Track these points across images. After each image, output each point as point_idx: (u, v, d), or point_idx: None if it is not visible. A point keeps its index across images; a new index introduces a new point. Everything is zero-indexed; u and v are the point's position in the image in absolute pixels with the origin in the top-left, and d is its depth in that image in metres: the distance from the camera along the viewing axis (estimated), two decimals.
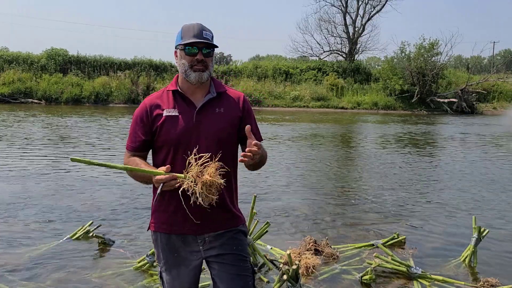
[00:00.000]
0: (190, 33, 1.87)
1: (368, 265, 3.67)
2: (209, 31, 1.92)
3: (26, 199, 5.62)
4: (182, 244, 1.97)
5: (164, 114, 1.92)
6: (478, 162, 9.62)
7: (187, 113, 1.92)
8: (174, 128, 1.90)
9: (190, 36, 1.87)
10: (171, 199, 1.91)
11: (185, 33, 1.89)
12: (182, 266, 1.99)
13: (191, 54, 1.88)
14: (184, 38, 1.88)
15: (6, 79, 26.80)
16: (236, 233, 2.01)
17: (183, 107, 1.93)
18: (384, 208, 5.71)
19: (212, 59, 1.94)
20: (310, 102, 28.71)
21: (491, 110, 29.60)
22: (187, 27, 1.90)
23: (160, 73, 30.66)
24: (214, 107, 1.95)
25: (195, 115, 1.92)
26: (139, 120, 1.96)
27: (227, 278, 1.94)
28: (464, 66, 48.03)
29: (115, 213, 5.16)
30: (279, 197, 6.14)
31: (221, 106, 1.97)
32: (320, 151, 10.94)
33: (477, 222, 4.02)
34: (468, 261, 3.89)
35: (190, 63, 1.88)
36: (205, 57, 1.89)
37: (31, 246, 4.06)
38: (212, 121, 1.93)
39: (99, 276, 3.49)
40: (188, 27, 1.90)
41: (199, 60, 1.88)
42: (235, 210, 2.03)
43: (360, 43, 36.94)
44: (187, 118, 1.91)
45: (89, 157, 8.97)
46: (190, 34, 1.87)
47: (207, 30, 1.91)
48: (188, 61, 1.89)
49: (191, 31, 1.88)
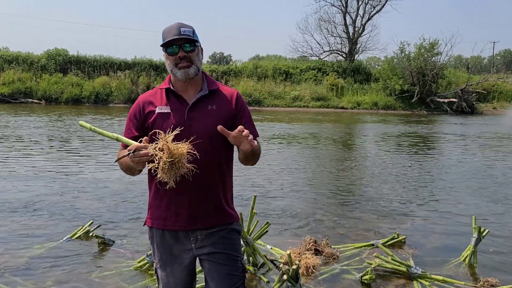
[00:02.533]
0: (169, 34, 1.91)
1: (368, 265, 3.67)
2: (189, 27, 1.94)
3: (26, 199, 5.62)
4: (175, 242, 2.00)
5: (156, 111, 1.96)
6: (478, 162, 9.62)
7: (179, 110, 1.95)
8: (166, 125, 1.92)
9: (169, 36, 1.90)
10: (164, 194, 1.94)
11: (165, 35, 1.92)
12: (176, 263, 2.03)
13: (172, 53, 1.92)
14: (165, 40, 1.92)
15: (6, 79, 26.82)
16: (228, 232, 2.02)
17: (175, 104, 1.97)
18: (384, 208, 5.71)
19: (197, 53, 1.96)
20: (310, 102, 28.71)
21: (491, 110, 29.60)
22: (167, 28, 1.95)
23: (160, 73, 30.65)
24: (206, 104, 1.97)
25: (186, 112, 1.94)
26: (133, 117, 2.02)
27: (217, 277, 1.97)
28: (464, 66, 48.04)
29: (115, 213, 5.16)
30: (279, 197, 6.14)
31: (213, 103, 1.98)
32: (320, 151, 10.94)
33: (477, 222, 4.02)
34: (468, 261, 3.90)
35: (173, 62, 1.93)
36: (188, 53, 1.92)
37: (31, 246, 4.06)
38: (204, 118, 1.94)
39: (99, 276, 3.49)
40: (167, 29, 1.94)
41: (181, 57, 1.91)
42: (228, 208, 2.04)
43: (360, 43, 36.97)
44: (178, 115, 1.94)
45: (88, 156, 8.97)
46: (170, 35, 1.91)
47: (186, 26, 1.93)
48: (172, 60, 1.93)
49: (170, 31, 1.91)
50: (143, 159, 1.68)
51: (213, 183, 1.96)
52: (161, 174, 1.66)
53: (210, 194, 1.95)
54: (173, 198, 1.94)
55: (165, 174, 1.66)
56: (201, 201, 1.94)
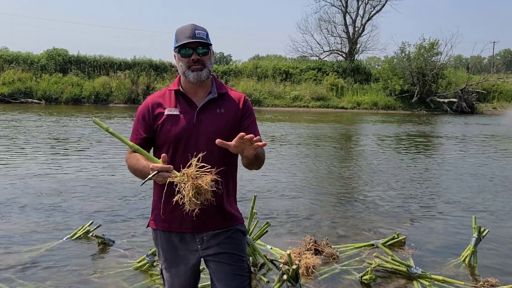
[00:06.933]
0: (184, 35, 1.90)
1: (368, 265, 3.67)
2: (203, 30, 1.93)
3: (26, 199, 5.62)
4: (180, 243, 2.00)
5: (165, 113, 1.95)
6: (478, 162, 9.61)
7: (188, 112, 1.94)
8: (175, 127, 1.92)
9: (183, 38, 1.89)
10: (170, 196, 1.92)
11: (179, 36, 1.91)
12: (181, 264, 2.02)
13: (186, 55, 1.90)
14: (179, 41, 1.91)
15: (6, 79, 26.84)
16: (233, 233, 2.02)
17: (184, 106, 1.96)
18: (384, 208, 5.71)
19: (210, 57, 1.95)
20: (310, 102, 28.73)
21: (491, 110, 29.62)
22: (181, 29, 1.93)
23: (160, 73, 30.69)
24: (215, 107, 1.97)
25: (196, 115, 1.94)
26: (141, 118, 1.99)
27: (223, 278, 1.96)
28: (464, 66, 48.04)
29: (115, 213, 5.16)
30: (279, 197, 6.14)
31: (222, 106, 1.98)
32: (320, 151, 10.94)
33: (477, 222, 4.02)
34: (468, 261, 3.89)
35: (187, 64, 1.91)
36: (201, 56, 1.91)
37: (31, 246, 4.05)
38: (213, 121, 1.94)
39: (99, 276, 3.49)
40: (181, 30, 1.93)
41: (195, 60, 1.90)
42: (233, 210, 2.04)
43: (360, 43, 37.01)
44: (188, 118, 1.93)
45: (88, 157, 8.98)
46: (184, 36, 1.89)
47: (200, 29, 1.92)
48: (185, 62, 1.91)
49: (184, 33, 1.90)
50: (166, 180, 1.70)
51: (219, 185, 1.95)
52: (187, 205, 1.68)
53: (216, 196, 1.93)
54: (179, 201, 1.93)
55: (189, 203, 1.68)
56: (208, 204, 1.94)
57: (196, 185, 1.66)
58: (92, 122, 1.90)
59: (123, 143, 1.84)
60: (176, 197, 1.69)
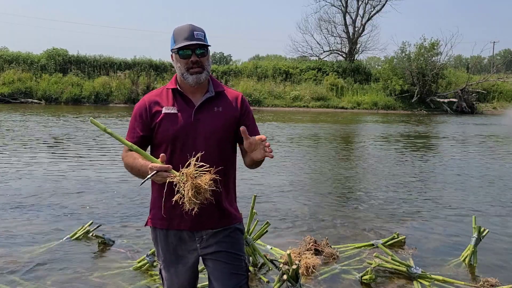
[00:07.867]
0: (182, 36, 1.88)
1: (368, 265, 3.67)
2: (201, 31, 1.92)
3: (26, 199, 5.62)
4: (179, 242, 2.00)
5: (163, 111, 1.94)
6: (478, 162, 9.61)
7: (185, 111, 1.94)
8: (173, 126, 1.92)
9: (182, 39, 1.88)
10: (169, 195, 1.92)
11: (177, 37, 1.90)
12: (180, 264, 2.02)
13: (185, 57, 1.89)
14: (177, 42, 1.89)
15: (6, 79, 26.84)
16: (232, 232, 2.02)
17: (182, 105, 1.95)
18: (384, 208, 5.70)
19: (208, 57, 1.94)
20: (310, 102, 28.73)
21: (491, 110, 29.62)
22: (178, 30, 1.92)
23: (160, 73, 30.69)
24: (213, 106, 1.97)
25: (193, 113, 1.94)
26: (138, 117, 1.98)
27: (221, 276, 1.97)
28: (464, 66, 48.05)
29: (115, 213, 5.16)
30: (279, 197, 6.14)
31: (219, 105, 1.98)
32: (320, 151, 10.94)
33: (477, 222, 4.02)
34: (468, 261, 3.89)
35: (185, 65, 1.90)
36: (200, 57, 1.90)
37: (31, 246, 4.05)
38: (210, 120, 1.94)
39: (99, 276, 3.49)
40: (179, 30, 1.91)
41: (193, 61, 1.89)
42: (232, 209, 2.05)
43: (360, 43, 37.01)
44: (185, 116, 1.93)
45: (87, 157, 8.97)
46: (182, 37, 1.88)
47: (198, 30, 1.91)
48: (183, 64, 1.90)
49: (183, 34, 1.89)
50: (165, 179, 1.70)
51: (218, 183, 1.95)
52: (187, 205, 1.68)
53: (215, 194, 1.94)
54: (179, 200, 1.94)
55: (188, 202, 1.68)
56: (207, 203, 1.94)
57: (195, 185, 1.66)
58: (90, 122, 1.89)
59: (121, 143, 1.84)
60: (176, 196, 1.69)
